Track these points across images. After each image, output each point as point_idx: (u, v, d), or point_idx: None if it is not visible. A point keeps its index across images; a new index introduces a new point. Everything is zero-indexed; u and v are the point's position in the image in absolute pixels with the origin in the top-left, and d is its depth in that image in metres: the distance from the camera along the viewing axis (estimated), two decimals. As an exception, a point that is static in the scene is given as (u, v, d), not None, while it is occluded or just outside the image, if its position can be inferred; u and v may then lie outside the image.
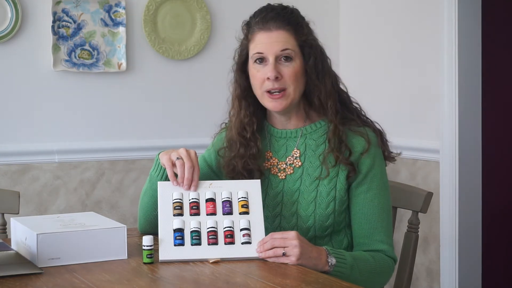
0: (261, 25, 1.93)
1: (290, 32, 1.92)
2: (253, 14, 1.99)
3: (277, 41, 1.91)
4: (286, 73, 1.92)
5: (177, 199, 1.87)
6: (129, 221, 3.40)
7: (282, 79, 1.92)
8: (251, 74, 1.97)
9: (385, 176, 1.98)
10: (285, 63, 1.92)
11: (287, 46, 1.91)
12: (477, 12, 3.22)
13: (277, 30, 1.92)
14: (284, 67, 1.92)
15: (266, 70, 1.92)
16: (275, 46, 1.91)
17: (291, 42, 1.92)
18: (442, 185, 3.25)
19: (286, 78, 1.92)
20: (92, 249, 1.74)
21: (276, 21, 1.92)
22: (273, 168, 2.01)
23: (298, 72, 1.93)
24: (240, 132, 2.01)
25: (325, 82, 1.96)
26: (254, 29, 1.95)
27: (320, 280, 1.62)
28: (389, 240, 1.95)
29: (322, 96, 1.96)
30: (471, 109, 3.23)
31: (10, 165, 3.24)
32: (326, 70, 1.97)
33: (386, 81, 3.59)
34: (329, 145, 1.95)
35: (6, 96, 3.23)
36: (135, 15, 3.45)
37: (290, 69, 1.92)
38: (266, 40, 1.92)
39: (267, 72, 1.92)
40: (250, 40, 1.96)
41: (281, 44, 1.91)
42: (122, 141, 3.45)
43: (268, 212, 1.97)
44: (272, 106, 1.95)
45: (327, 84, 1.96)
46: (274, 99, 1.93)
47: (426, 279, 3.39)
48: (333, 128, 1.95)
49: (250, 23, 1.98)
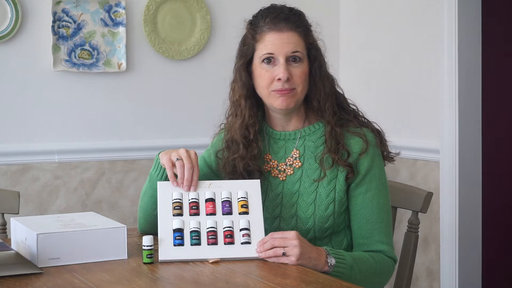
0: (272, 25, 1.93)
1: (300, 34, 1.94)
2: (259, 14, 1.97)
3: (289, 42, 1.92)
4: (296, 74, 1.93)
5: (177, 199, 1.87)
6: (129, 221, 3.40)
7: (292, 80, 1.93)
8: (257, 74, 1.96)
9: (384, 176, 1.98)
10: (295, 64, 1.93)
11: (297, 48, 1.93)
12: (477, 12, 3.22)
13: (289, 32, 1.93)
14: (293, 68, 1.93)
15: (276, 70, 1.92)
16: (286, 47, 1.92)
17: (300, 44, 1.94)
18: (442, 185, 3.25)
19: (296, 78, 1.93)
20: (92, 249, 1.74)
21: (288, 22, 1.93)
22: (273, 170, 2.01)
23: (305, 74, 1.95)
24: (243, 133, 2.00)
25: (324, 85, 1.98)
26: (264, 29, 1.94)
27: (320, 280, 1.62)
28: (389, 241, 1.95)
29: (321, 98, 1.97)
30: (471, 109, 3.23)
31: (10, 165, 3.24)
32: (326, 73, 2.00)
33: (386, 81, 3.59)
34: (326, 147, 1.96)
35: (6, 96, 3.23)
36: (135, 15, 3.45)
37: (300, 70, 1.94)
38: (277, 41, 1.93)
39: (278, 73, 1.92)
40: (259, 40, 1.95)
41: (292, 45, 1.93)
42: (122, 141, 3.45)
43: (267, 213, 1.97)
44: (280, 102, 1.94)
45: (326, 86, 1.98)
46: (282, 96, 1.93)
47: (426, 279, 3.39)
48: (330, 130, 1.96)
49: (257, 23, 1.96)
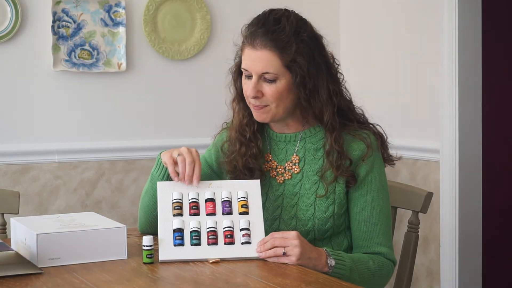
0: (249, 40, 1.89)
1: (274, 53, 1.86)
2: (249, 24, 1.93)
3: (260, 61, 1.87)
4: (268, 92, 1.89)
5: (177, 199, 1.87)
6: (129, 221, 3.40)
7: (263, 97, 1.90)
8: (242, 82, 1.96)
9: (384, 178, 1.98)
10: (268, 82, 1.88)
11: (268, 69, 1.86)
12: (477, 12, 3.22)
13: (262, 50, 1.86)
14: (266, 86, 1.89)
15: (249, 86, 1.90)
16: (258, 66, 1.87)
17: (274, 64, 1.86)
18: (442, 185, 3.25)
19: (268, 96, 1.89)
20: (92, 249, 1.74)
21: (263, 39, 1.86)
22: (272, 171, 2.01)
23: (282, 91, 1.89)
24: (241, 132, 2.01)
25: (317, 97, 1.91)
26: (245, 42, 1.91)
27: (320, 280, 1.62)
28: (389, 243, 1.95)
29: (316, 111, 1.92)
30: (471, 109, 3.23)
31: (10, 165, 3.24)
32: (320, 85, 1.91)
33: (386, 81, 3.59)
34: (327, 160, 1.93)
35: (6, 96, 3.23)
36: (135, 15, 3.45)
37: (272, 88, 1.88)
38: (250, 58, 1.89)
39: (247, 89, 1.91)
40: (242, 51, 1.93)
41: (263, 65, 1.86)
42: (122, 141, 3.45)
43: (267, 214, 1.97)
44: (256, 115, 1.94)
45: (322, 97, 1.91)
46: (256, 111, 1.93)
47: (426, 279, 3.39)
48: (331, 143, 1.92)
49: (244, 33, 1.93)
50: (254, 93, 1.88)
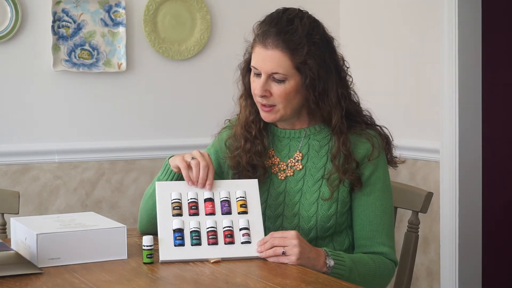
0: (261, 39, 1.88)
1: (285, 54, 1.85)
2: (261, 21, 1.92)
3: (271, 61, 1.86)
4: (276, 92, 1.88)
5: (176, 199, 1.87)
6: (129, 221, 3.40)
7: (271, 97, 1.89)
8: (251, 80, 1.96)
9: (388, 179, 1.98)
10: (276, 82, 1.88)
11: (278, 70, 1.86)
12: (477, 11, 3.22)
13: (273, 50, 1.86)
14: (274, 86, 1.88)
15: (257, 84, 1.89)
16: (268, 65, 1.87)
17: (284, 65, 1.86)
18: (442, 185, 3.25)
19: (276, 96, 1.89)
20: (92, 249, 1.74)
21: (275, 39, 1.86)
22: (274, 167, 2.01)
23: (290, 92, 1.88)
24: (247, 129, 2.00)
25: (326, 100, 1.91)
26: (256, 40, 1.91)
27: (320, 280, 1.62)
28: (391, 243, 1.95)
29: (325, 113, 1.92)
30: (471, 109, 3.23)
31: (10, 165, 3.24)
32: (329, 88, 1.90)
33: (386, 81, 3.59)
34: (333, 164, 1.93)
35: (6, 96, 3.23)
36: (135, 15, 3.45)
37: (281, 88, 1.88)
38: (261, 57, 1.88)
39: (255, 87, 1.90)
40: (253, 48, 1.93)
41: (273, 65, 1.86)
42: (122, 141, 3.45)
43: (270, 212, 1.97)
44: (263, 115, 1.94)
45: (331, 100, 1.91)
46: (264, 111, 1.93)
47: (426, 279, 3.39)
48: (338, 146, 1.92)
49: (256, 31, 1.92)
50: (262, 92, 1.89)
